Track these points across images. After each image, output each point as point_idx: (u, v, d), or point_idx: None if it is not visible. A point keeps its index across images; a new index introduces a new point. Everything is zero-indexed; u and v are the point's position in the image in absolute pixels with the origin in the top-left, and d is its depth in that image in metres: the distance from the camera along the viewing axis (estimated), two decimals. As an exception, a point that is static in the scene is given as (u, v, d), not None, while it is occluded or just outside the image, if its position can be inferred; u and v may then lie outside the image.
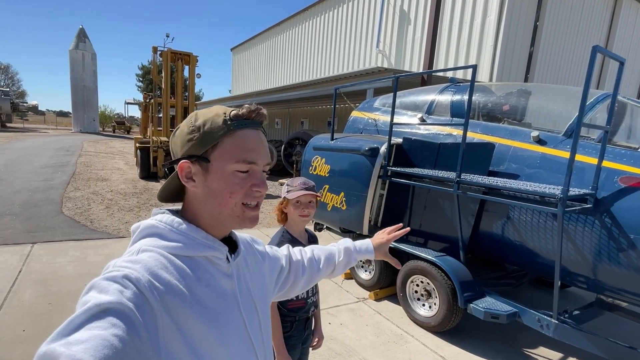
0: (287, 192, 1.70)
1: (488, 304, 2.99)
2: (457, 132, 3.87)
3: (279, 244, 1.63)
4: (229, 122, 0.69)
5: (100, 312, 0.50)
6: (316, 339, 1.88)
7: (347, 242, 1.24)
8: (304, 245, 1.73)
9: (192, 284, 0.66)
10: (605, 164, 2.75)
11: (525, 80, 9.86)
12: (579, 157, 2.90)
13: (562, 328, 2.68)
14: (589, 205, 2.66)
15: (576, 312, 2.95)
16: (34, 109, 39.11)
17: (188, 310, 0.63)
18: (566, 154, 2.87)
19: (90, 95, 33.08)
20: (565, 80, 10.96)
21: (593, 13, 11.02)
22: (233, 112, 0.71)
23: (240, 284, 0.78)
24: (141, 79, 39.17)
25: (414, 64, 11.37)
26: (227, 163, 0.69)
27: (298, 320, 1.74)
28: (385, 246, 1.22)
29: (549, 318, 2.73)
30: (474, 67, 2.90)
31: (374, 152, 3.81)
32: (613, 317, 3.32)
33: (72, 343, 0.46)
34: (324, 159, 4.50)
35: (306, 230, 1.83)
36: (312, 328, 1.88)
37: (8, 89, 34.72)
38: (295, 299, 1.71)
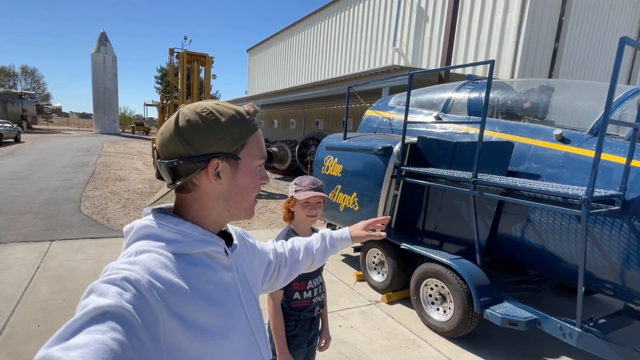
0: (295, 191, 1.66)
1: (506, 310, 2.86)
2: (474, 130, 3.73)
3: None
4: (251, 122, 0.74)
5: (99, 316, 0.50)
6: (323, 341, 1.83)
7: (325, 230, 1.26)
8: None
9: (194, 280, 0.66)
10: (635, 163, 2.58)
11: (550, 77, 9.52)
12: (606, 157, 2.74)
13: (586, 337, 2.52)
14: (616, 208, 2.50)
15: (602, 321, 2.78)
16: (58, 111, 40.36)
17: (192, 307, 0.63)
18: (591, 153, 2.71)
19: (111, 97, 33.99)
20: (593, 78, 10.54)
21: (623, 6, 10.56)
22: (247, 111, 0.75)
23: (240, 276, 0.79)
24: (160, 81, 39.99)
25: (432, 61, 11.15)
26: (254, 159, 0.74)
27: (303, 320, 1.70)
28: (362, 239, 1.22)
29: (571, 326, 2.58)
30: (492, 63, 2.78)
31: (387, 151, 3.72)
32: (642, 326, 3.13)
33: (70, 348, 0.45)
34: (336, 159, 4.43)
35: (312, 229, 1.79)
36: (319, 329, 1.83)
37: (34, 92, 35.98)
38: (299, 297, 1.68)
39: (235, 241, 0.82)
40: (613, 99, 2.18)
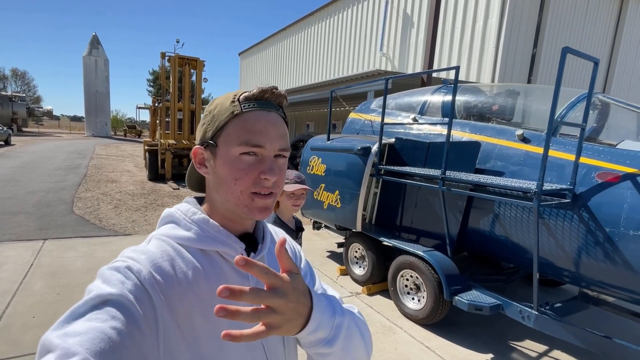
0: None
1: (473, 297, 3.10)
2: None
3: (273, 228, 1.84)
4: (235, 104, 0.64)
5: (100, 303, 0.51)
6: None
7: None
8: (292, 230, 1.98)
9: (199, 278, 0.62)
10: (585, 160, 2.85)
11: (529, 81, 9.89)
12: (561, 155, 3.01)
13: (542, 319, 2.77)
14: (567, 200, 2.76)
15: (558, 305, 3.03)
16: (49, 114, 40.12)
17: (189, 305, 0.60)
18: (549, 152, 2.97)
19: (103, 100, 33.87)
20: (571, 82, 10.94)
21: (598, 13, 10.99)
22: (243, 95, 0.65)
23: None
24: (152, 84, 39.95)
25: (418, 66, 11.48)
26: (231, 146, 0.63)
27: None
28: None
29: (529, 310, 2.83)
30: (457, 69, 3.03)
31: (366, 151, 3.95)
32: (600, 311, 3.39)
33: (69, 335, 0.46)
34: (320, 159, 4.65)
35: (293, 217, 2.07)
36: None
37: (24, 95, 35.71)
38: None
39: (262, 248, 0.72)
40: (557, 102, 2.44)
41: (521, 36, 9.31)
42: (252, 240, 0.72)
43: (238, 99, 0.65)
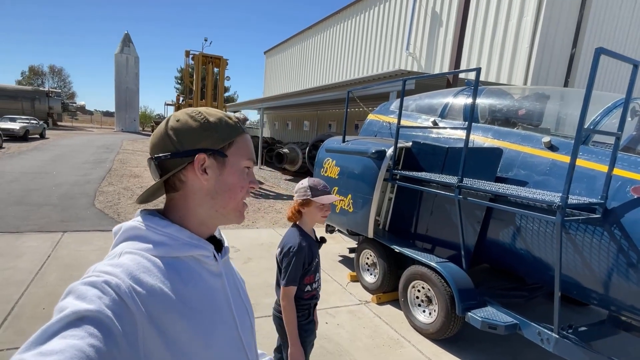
0: (313, 195, 1.79)
1: (487, 314, 2.90)
2: (471, 136, 3.77)
3: (300, 243, 1.77)
4: (237, 124, 0.76)
5: (77, 320, 0.49)
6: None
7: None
8: (316, 240, 1.89)
9: (178, 285, 0.65)
10: (619, 172, 2.59)
11: (565, 84, 9.33)
12: (592, 165, 2.76)
13: (563, 343, 2.54)
14: (596, 216, 2.51)
15: (582, 329, 2.78)
16: (82, 109, 42.01)
17: (174, 314, 0.61)
18: (578, 162, 2.73)
19: (132, 96, 35.06)
20: (612, 85, 10.27)
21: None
22: (235, 118, 0.78)
23: (230, 283, 0.78)
24: (180, 82, 40.96)
25: (445, 66, 11.11)
26: (242, 159, 0.75)
27: (312, 308, 1.91)
28: None
29: (549, 332, 2.60)
30: (478, 70, 2.84)
31: (381, 154, 3.80)
32: (632, 338, 3.10)
33: (45, 354, 0.44)
34: (334, 161, 4.53)
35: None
36: None
37: (60, 91, 37.45)
38: (310, 289, 1.86)
39: (225, 248, 0.81)
40: (588, 108, 2.22)
41: (559, 35, 8.77)
42: (214, 242, 0.79)
43: (239, 121, 0.78)
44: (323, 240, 1.96)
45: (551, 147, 3.08)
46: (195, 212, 0.73)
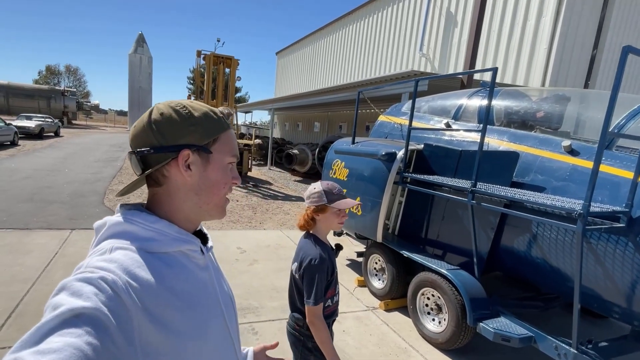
0: (329, 200, 1.63)
1: (500, 325, 2.76)
2: (486, 139, 3.64)
3: (321, 254, 1.60)
4: (222, 120, 0.75)
5: (73, 318, 0.47)
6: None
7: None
8: (332, 249, 1.75)
9: (171, 279, 0.65)
10: (645, 179, 2.43)
11: (586, 87, 9.04)
12: (616, 171, 2.61)
13: (582, 359, 2.40)
14: (620, 225, 2.37)
15: (603, 344, 2.62)
16: (96, 108, 42.74)
17: (168, 307, 0.62)
18: (601, 167, 2.58)
19: (145, 96, 35.50)
20: (636, 87, 9.93)
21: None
22: (220, 112, 0.77)
23: (217, 276, 0.80)
24: (192, 82, 41.37)
25: (459, 67, 10.90)
26: (225, 156, 0.75)
27: (332, 323, 1.76)
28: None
29: (567, 347, 2.46)
30: (495, 70, 2.71)
31: (391, 157, 3.69)
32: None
33: (43, 352, 0.43)
34: (343, 163, 4.44)
35: None
36: None
37: (75, 90, 38.19)
38: (330, 304, 1.69)
39: (210, 242, 0.83)
40: (613, 110, 2.08)
41: (579, 36, 8.48)
42: (199, 236, 0.80)
43: (222, 115, 0.77)
44: (339, 247, 1.81)
45: (571, 152, 2.93)
46: (180, 208, 0.73)
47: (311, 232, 1.71)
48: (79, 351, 0.44)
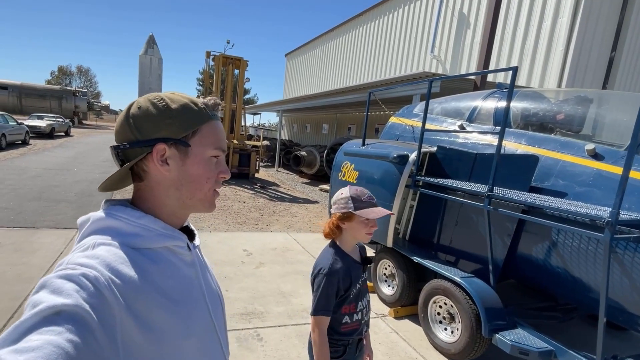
0: (355, 208, 1.47)
1: (518, 337, 2.62)
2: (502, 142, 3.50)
3: (333, 265, 1.48)
4: (206, 111, 0.72)
5: (53, 315, 0.46)
6: (367, 357, 1.69)
7: None
8: (358, 263, 1.58)
9: (156, 276, 0.64)
10: (676, 185, 2.29)
11: (603, 89, 8.80)
12: (643, 176, 2.46)
13: (608, 377, 2.25)
14: (650, 234, 2.22)
15: (628, 359, 2.48)
16: (106, 108, 43.27)
17: (152, 305, 0.61)
18: (631, 173, 2.44)
19: (154, 96, 35.94)
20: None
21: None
22: (204, 102, 0.73)
23: (204, 272, 0.79)
24: (201, 83, 41.69)
25: (471, 69, 10.71)
26: (207, 149, 0.71)
27: (351, 344, 1.57)
28: None
29: (591, 363, 2.32)
30: (515, 69, 2.58)
31: (403, 159, 3.57)
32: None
33: (21, 351, 0.42)
34: (353, 165, 4.33)
35: (357, 245, 1.64)
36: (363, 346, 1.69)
37: (86, 90, 38.72)
38: (349, 321, 1.54)
39: (197, 238, 0.81)
40: (646, 111, 1.94)
41: (597, 37, 8.25)
42: (186, 232, 0.77)
43: (206, 107, 0.72)
44: (368, 261, 1.62)
45: (595, 156, 2.78)
46: (163, 203, 0.71)
47: (336, 241, 1.57)
48: (59, 349, 0.43)
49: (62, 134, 20.75)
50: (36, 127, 17.47)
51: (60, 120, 21.07)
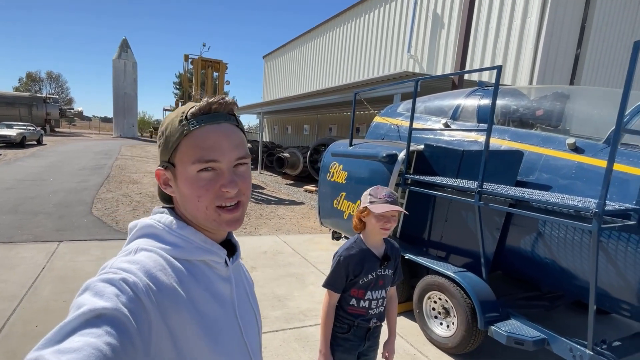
0: (370, 202, 1.63)
1: (512, 328, 2.71)
2: (483, 138, 3.60)
3: (347, 250, 1.67)
4: (183, 123, 0.66)
5: (94, 318, 0.48)
6: (386, 354, 1.80)
7: None
8: (377, 258, 1.68)
9: (191, 287, 0.64)
10: (653, 175, 2.42)
11: (571, 84, 9.20)
12: (623, 168, 2.59)
13: (598, 361, 2.35)
14: (631, 222, 2.34)
15: (617, 343, 2.59)
16: (80, 115, 41.91)
17: (184, 315, 0.61)
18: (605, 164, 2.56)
19: (131, 102, 34.85)
20: (619, 85, 10.14)
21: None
22: (191, 110, 0.67)
23: (239, 289, 0.77)
24: (178, 87, 40.93)
25: (447, 68, 10.98)
26: (187, 165, 0.66)
27: (357, 327, 1.70)
28: None
29: (582, 348, 2.41)
30: (499, 68, 2.67)
31: (392, 158, 3.62)
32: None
33: (63, 352, 0.44)
34: (341, 165, 4.35)
35: (385, 241, 1.77)
36: (377, 341, 1.81)
37: (57, 97, 37.32)
38: (355, 305, 1.69)
39: (238, 252, 0.80)
40: (627, 106, 2.05)
41: (563, 36, 8.63)
42: (228, 246, 0.76)
43: (186, 117, 0.66)
44: (386, 258, 1.70)
45: (576, 149, 2.91)
46: (187, 218, 0.71)
47: (361, 235, 1.73)
48: (97, 351, 0.45)
49: (34, 142, 19.91)
50: (6, 137, 16.73)
51: (32, 128, 20.21)
